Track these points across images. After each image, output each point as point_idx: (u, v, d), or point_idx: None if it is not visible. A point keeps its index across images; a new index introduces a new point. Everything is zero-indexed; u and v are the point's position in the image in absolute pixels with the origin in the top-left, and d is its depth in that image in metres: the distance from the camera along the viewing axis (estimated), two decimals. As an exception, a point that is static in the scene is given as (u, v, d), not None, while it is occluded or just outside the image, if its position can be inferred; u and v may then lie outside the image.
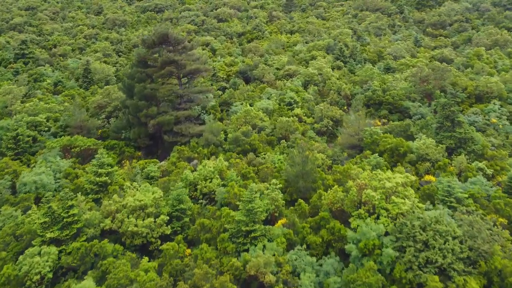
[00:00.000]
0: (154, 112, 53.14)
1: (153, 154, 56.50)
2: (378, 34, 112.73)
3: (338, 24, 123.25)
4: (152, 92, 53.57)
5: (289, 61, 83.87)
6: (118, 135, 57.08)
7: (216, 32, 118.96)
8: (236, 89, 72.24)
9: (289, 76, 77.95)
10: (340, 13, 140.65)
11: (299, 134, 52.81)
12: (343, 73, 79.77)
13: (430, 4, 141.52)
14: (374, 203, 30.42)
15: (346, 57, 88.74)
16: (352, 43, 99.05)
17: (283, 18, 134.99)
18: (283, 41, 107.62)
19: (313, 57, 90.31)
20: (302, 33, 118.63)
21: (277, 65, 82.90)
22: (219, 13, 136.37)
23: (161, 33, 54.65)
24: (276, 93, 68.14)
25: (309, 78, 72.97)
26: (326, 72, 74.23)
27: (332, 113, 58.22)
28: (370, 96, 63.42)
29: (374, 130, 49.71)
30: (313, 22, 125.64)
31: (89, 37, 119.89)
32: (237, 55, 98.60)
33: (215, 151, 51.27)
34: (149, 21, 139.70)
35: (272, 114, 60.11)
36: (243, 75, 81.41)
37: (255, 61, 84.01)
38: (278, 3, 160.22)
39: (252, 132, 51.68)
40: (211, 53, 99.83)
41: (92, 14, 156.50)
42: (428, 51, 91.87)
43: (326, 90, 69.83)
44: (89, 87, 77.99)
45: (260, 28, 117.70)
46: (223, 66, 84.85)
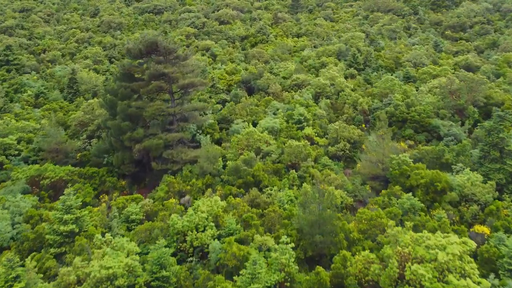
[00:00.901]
0: (140, 135, 44.98)
1: (140, 182, 48.40)
2: (392, 37, 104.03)
3: (348, 27, 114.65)
4: (137, 111, 45.41)
5: (297, 69, 75.48)
6: (99, 160, 49.00)
7: (217, 35, 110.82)
8: (238, 102, 63.99)
9: (297, 87, 69.55)
10: (349, 15, 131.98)
11: (311, 162, 44.44)
12: (357, 83, 71.23)
13: (446, 4, 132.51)
14: (424, 284, 22.05)
15: (360, 64, 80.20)
16: (366, 48, 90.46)
17: (289, 20, 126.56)
18: (290, 45, 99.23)
19: (323, 64, 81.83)
20: (310, 36, 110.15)
21: (283, 74, 74.53)
22: (221, 15, 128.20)
23: (149, 41, 46.48)
24: (283, 107, 59.79)
25: (320, 90, 64.54)
26: (339, 82, 65.76)
27: (348, 133, 49.77)
28: (392, 112, 54.88)
29: (403, 159, 41.22)
30: (322, 24, 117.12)
31: (82, 41, 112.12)
32: (240, 61, 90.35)
33: (212, 182, 43.06)
34: (147, 23, 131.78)
35: (279, 134, 51.78)
36: (245, 85, 73.14)
37: (259, 69, 75.70)
38: (283, 3, 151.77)
39: (256, 160, 43.37)
40: (211, 59, 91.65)
41: (87, 16, 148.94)
42: (451, 57, 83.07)
43: (340, 104, 61.37)
44: (74, 99, 70.08)
45: (264, 31, 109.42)
46: (224, 75, 76.61)
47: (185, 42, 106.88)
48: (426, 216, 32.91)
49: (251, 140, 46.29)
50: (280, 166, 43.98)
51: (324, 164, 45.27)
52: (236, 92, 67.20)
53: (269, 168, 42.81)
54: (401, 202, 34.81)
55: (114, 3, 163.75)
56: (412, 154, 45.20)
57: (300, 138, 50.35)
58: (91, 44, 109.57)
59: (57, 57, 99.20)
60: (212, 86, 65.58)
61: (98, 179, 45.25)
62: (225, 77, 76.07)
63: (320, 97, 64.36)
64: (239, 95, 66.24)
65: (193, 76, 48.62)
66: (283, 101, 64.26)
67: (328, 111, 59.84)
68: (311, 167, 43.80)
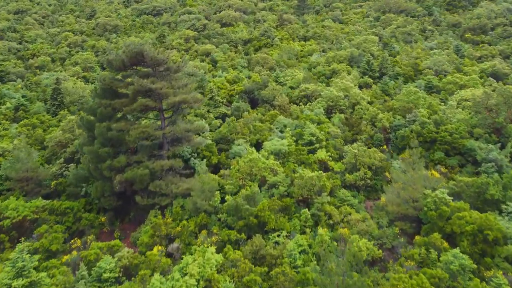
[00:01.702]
0: (122, 163, 37.68)
1: (124, 216, 41.16)
2: (407, 40, 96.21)
3: (359, 29, 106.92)
4: (119, 134, 38.10)
5: (306, 77, 67.92)
6: (77, 190, 41.81)
7: (218, 39, 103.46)
8: (240, 117, 56.60)
9: (306, 98, 62.03)
10: (359, 16, 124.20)
11: (326, 196, 36.94)
12: (374, 93, 63.61)
13: (462, 4, 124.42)
14: None
15: (375, 71, 72.54)
16: (380, 53, 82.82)
17: (295, 22, 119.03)
18: (296, 49, 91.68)
19: (334, 71, 74.27)
20: (318, 39, 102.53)
21: (290, 83, 67.02)
22: (223, 17, 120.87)
23: (134, 51, 39.13)
24: (291, 124, 52.31)
25: (333, 103, 56.99)
26: (354, 94, 58.19)
27: (369, 159, 42.19)
28: (419, 132, 47.23)
29: (440, 196, 33.64)
30: (330, 27, 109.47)
31: (74, 45, 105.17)
32: (242, 67, 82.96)
33: (207, 222, 35.71)
34: (145, 26, 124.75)
35: (287, 158, 44.32)
36: (248, 96, 65.70)
37: (263, 78, 68.22)
38: (288, 4, 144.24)
39: (260, 195, 35.94)
40: (212, 66, 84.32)
41: (83, 18, 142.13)
42: (475, 63, 75.21)
43: (356, 120, 53.79)
44: (57, 113, 62.93)
45: (269, 34, 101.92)
46: (225, 84, 69.22)
47: (184, 46, 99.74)
48: (482, 283, 25.32)
49: (255, 169, 38.87)
50: (289, 201, 36.50)
51: (342, 199, 37.72)
52: (237, 105, 59.77)
53: (276, 205, 35.33)
54: (446, 261, 27.23)
55: (112, 4, 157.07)
56: (448, 186, 37.57)
57: (312, 163, 42.87)
58: (84, 49, 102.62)
59: (46, 63, 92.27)
60: (210, 98, 58.21)
61: (72, 216, 37.97)
62: (225, 87, 68.67)
63: (333, 111, 56.83)
64: (241, 108, 58.82)
65: (187, 92, 41.18)
66: (290, 115, 56.82)
67: (343, 128, 52.28)
68: (326, 203, 36.32)
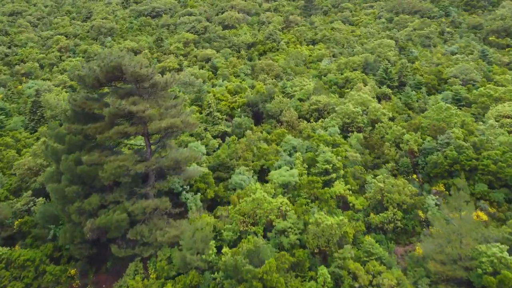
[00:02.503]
0: (94, 205, 30.37)
1: (100, 266, 33.86)
2: (425, 44, 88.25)
3: (371, 32, 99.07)
4: (91, 169, 30.77)
5: (316, 88, 60.31)
6: (44, 232, 34.58)
7: (220, 42, 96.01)
8: (242, 135, 49.16)
9: (317, 113, 54.42)
10: (371, 17, 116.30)
11: (350, 248, 29.40)
12: (394, 107, 55.91)
13: (482, 4, 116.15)
14: None
15: (394, 80, 64.78)
16: (398, 59, 75.09)
17: (302, 24, 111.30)
18: (304, 54, 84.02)
19: (347, 80, 66.60)
20: (327, 43, 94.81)
21: (299, 95, 59.42)
22: (225, 18, 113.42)
23: (111, 65, 31.80)
24: (301, 145, 44.81)
25: (349, 119, 49.37)
26: (373, 109, 50.53)
27: (399, 196, 34.57)
28: (455, 158, 39.50)
29: (499, 256, 26.00)
30: (340, 29, 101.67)
31: (66, 50, 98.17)
32: (245, 75, 75.49)
33: (199, 283, 28.30)
34: (142, 28, 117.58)
35: (299, 192, 36.83)
36: (252, 109, 58.20)
37: (269, 89, 60.71)
38: (295, 5, 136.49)
39: (265, 249, 28.45)
40: (212, 73, 76.90)
41: (79, 20, 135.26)
42: (506, 71, 67.22)
43: (377, 140, 46.14)
44: (37, 128, 55.81)
45: (274, 38, 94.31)
46: (226, 95, 61.76)
47: (183, 50, 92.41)
48: None
49: (259, 211, 31.40)
50: (303, 255, 28.99)
51: (369, 251, 30.11)
52: (239, 121, 52.30)
53: (286, 262, 27.83)
54: None
55: (110, 5, 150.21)
56: (504, 236, 29.90)
57: (328, 199, 35.33)
58: (75, 54, 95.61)
59: (33, 70, 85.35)
60: (208, 114, 50.72)
61: (34, 270, 30.68)
62: (226, 98, 61.20)
63: (350, 129, 49.22)
64: (243, 125, 51.33)
65: (176, 114, 33.77)
66: (300, 134, 49.28)
67: (362, 151, 44.67)
68: (349, 258, 28.76)
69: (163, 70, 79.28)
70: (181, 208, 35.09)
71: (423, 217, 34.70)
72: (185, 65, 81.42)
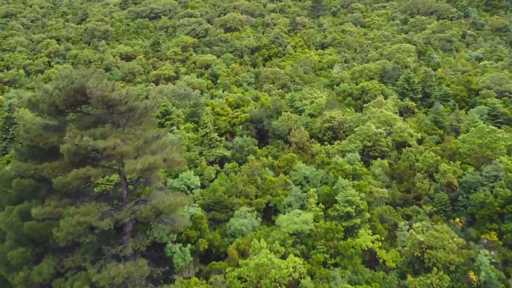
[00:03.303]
0: (47, 274, 22.97)
1: None
2: (446, 48, 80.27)
3: (386, 34, 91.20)
4: (43, 226, 23.36)
5: (329, 101, 52.74)
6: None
7: (221, 46, 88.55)
8: (244, 161, 41.63)
9: (332, 132, 46.76)
10: (384, 18, 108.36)
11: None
12: (421, 125, 48.16)
13: (503, 4, 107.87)
14: None
15: (417, 91, 57.00)
16: (418, 66, 67.32)
17: (309, 26, 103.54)
18: (313, 60, 76.38)
19: (363, 90, 58.92)
20: (338, 47, 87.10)
21: (310, 109, 51.78)
22: (227, 20, 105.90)
23: (72, 88, 24.41)
24: (314, 175, 37.24)
25: (371, 142, 41.67)
26: (399, 130, 42.80)
27: (445, 255, 26.84)
28: (507, 198, 31.72)
29: None
30: (352, 32, 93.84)
31: (55, 55, 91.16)
32: (248, 84, 68.02)
33: None
34: (139, 31, 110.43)
35: (314, 244, 29.23)
36: (256, 126, 50.69)
37: (274, 101, 53.24)
38: (301, 5, 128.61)
39: None
40: (211, 82, 69.46)
41: (74, 22, 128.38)
42: (544, 81, 59.15)
43: (405, 169, 38.45)
44: (8, 149, 48.62)
45: (280, 41, 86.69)
46: (226, 109, 54.25)
47: (181, 55, 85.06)
48: None
49: (266, 281, 23.83)
50: None
51: None
52: (241, 142, 44.78)
53: None
54: None
55: (108, 6, 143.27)
56: None
57: (353, 255, 27.71)
58: (65, 59, 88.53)
59: (18, 77, 78.39)
60: (204, 135, 43.19)
61: None
62: (226, 112, 53.70)
63: (371, 152, 41.53)
64: (245, 147, 43.77)
65: (158, 148, 26.26)
66: (313, 159, 41.67)
67: (389, 182, 37.03)
68: None
69: (157, 79, 72.01)
70: (166, 267, 27.59)
71: (475, 280, 26.96)
72: (182, 72, 74.05)
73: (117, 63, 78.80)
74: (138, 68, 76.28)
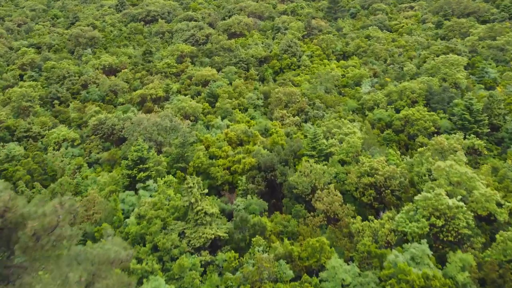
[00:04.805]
0: None
1: None
2: (499, 59, 65.12)
3: (420, 41, 76.39)
4: None
5: (367, 140, 38.38)
6: None
7: (223, 56, 74.52)
8: (247, 243, 27.53)
9: (375, 190, 32.40)
10: (413, 21, 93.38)
11: None
12: (501, 178, 33.52)
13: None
14: None
15: (483, 124, 42.32)
16: (470, 83, 52.67)
17: (326, 30, 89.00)
18: (336, 75, 61.97)
19: (407, 120, 44.45)
20: (363, 56, 72.66)
21: (340, 153, 37.39)
22: (231, 24, 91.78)
23: None
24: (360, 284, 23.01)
25: (442, 220, 27.15)
26: (482, 197, 28.24)
27: None
28: None
29: None
30: (379, 38, 79.07)
31: (31, 66, 77.99)
32: (255, 107, 53.93)
33: None
34: (132, 37, 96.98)
35: None
36: (265, 177, 36.61)
37: (291, 139, 39.08)
38: (316, 6, 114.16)
39: None
40: (209, 104, 55.41)
41: (64, 26, 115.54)
42: None
43: (505, 274, 23.93)
44: None
45: (294, 50, 72.41)
46: (225, 148, 40.21)
47: (175, 68, 71.20)
48: None
49: None
50: None
51: None
52: (243, 211, 30.67)
53: None
54: None
55: (102, 8, 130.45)
56: None
57: None
58: (40, 72, 75.21)
59: (-20, 95, 65.24)
60: (189, 206, 29.10)
61: None
62: (226, 153, 39.68)
63: (443, 235, 27.08)
64: (249, 221, 29.50)
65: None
66: (352, 243, 27.43)
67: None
68: None
69: (143, 99, 58.24)
70: None
71: None
72: (173, 91, 60.14)
73: (98, 78, 65.22)
74: (122, 85, 62.60)
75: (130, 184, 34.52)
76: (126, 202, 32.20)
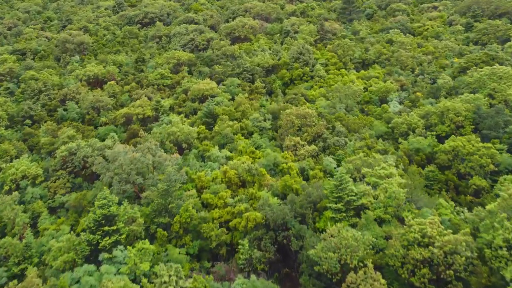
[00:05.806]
0: None
1: None
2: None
3: (451, 46, 66.48)
4: None
5: (409, 186, 28.83)
6: None
7: (224, 65, 65.14)
8: None
9: (429, 268, 22.92)
10: (438, 22, 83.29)
11: None
12: None
13: None
14: None
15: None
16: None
17: (341, 34, 79.25)
18: (358, 89, 52.38)
19: (456, 154, 34.79)
20: (387, 65, 62.98)
21: (377, 208, 27.85)
22: (235, 27, 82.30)
23: None
24: None
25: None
26: None
27: None
28: None
29: None
30: (403, 43, 69.10)
31: (10, 76, 69.30)
32: (261, 130, 44.53)
33: None
34: (125, 41, 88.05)
35: None
36: (275, 239, 27.25)
37: (308, 190, 29.71)
38: (328, 6, 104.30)
39: None
40: (205, 127, 46.04)
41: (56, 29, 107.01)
42: None
43: None
44: None
45: (306, 58, 62.83)
46: (222, 194, 30.91)
47: (170, 79, 62.05)
48: None
49: None
50: None
51: None
52: None
53: None
54: None
55: (98, 10, 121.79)
56: None
57: None
58: (19, 83, 66.43)
59: None
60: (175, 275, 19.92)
61: None
62: (222, 202, 30.44)
63: None
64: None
65: None
66: None
67: None
68: None
69: (128, 119, 49.10)
70: None
71: None
72: (165, 108, 50.90)
73: (79, 92, 56.15)
74: (106, 101, 53.47)
75: (92, 254, 25.35)
76: (82, 285, 23.01)
